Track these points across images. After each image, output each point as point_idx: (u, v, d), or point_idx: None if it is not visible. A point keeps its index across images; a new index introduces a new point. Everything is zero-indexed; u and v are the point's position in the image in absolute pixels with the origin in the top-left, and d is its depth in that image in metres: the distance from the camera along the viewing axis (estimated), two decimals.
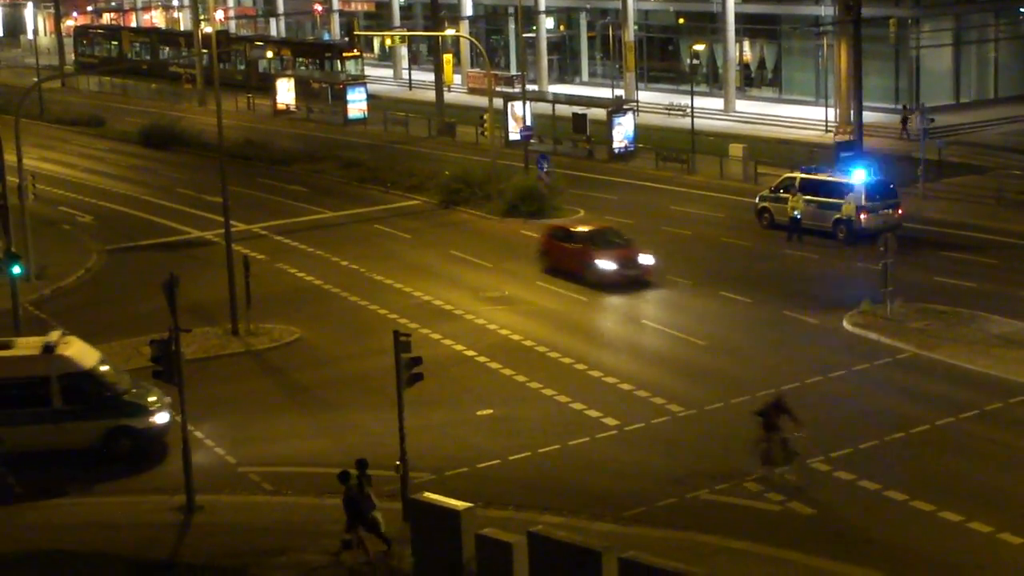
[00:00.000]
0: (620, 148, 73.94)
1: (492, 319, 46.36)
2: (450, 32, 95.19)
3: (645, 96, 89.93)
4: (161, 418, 35.89)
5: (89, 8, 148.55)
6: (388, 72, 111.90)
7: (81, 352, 36.35)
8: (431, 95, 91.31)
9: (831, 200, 54.71)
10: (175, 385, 32.01)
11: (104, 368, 36.53)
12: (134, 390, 36.34)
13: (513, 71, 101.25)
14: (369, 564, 28.96)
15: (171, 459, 34.49)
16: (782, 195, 56.22)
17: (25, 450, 34.46)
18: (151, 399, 36.12)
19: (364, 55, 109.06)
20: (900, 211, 54.97)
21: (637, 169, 71.49)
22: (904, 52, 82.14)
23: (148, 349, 33.51)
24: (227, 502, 32.77)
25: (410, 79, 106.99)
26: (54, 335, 36.66)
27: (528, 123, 72.87)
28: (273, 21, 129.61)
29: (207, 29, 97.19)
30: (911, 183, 60.75)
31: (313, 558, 29.19)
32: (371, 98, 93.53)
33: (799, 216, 55.01)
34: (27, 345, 35.87)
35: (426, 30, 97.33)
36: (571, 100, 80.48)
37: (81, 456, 35.04)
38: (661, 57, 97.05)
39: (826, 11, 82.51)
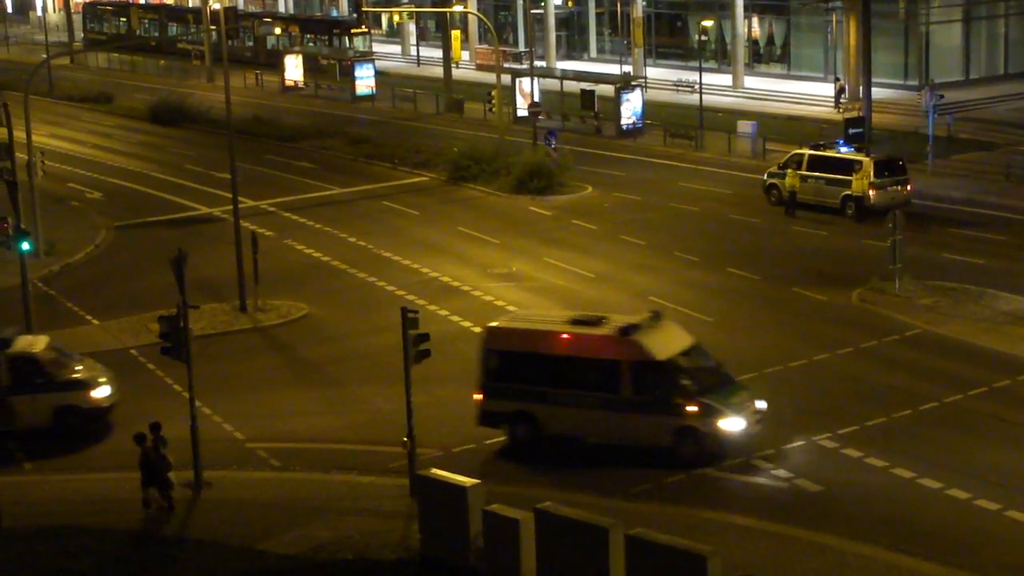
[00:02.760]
0: (628, 124, 73.83)
1: (500, 296, 46.36)
2: (458, 8, 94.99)
3: (653, 72, 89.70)
4: (732, 425, 32.10)
5: None
6: (396, 48, 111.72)
7: (658, 341, 32.83)
8: (439, 71, 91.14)
9: (840, 176, 54.61)
10: (183, 361, 32.08)
11: (685, 361, 33.08)
12: (725, 388, 33.00)
13: (521, 47, 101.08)
14: (167, 521, 30.15)
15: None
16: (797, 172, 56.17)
17: (592, 436, 33.09)
18: (735, 401, 32.64)
19: (372, 31, 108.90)
20: (909, 187, 54.87)
21: (645, 145, 71.41)
22: (913, 28, 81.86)
23: (157, 325, 33.59)
24: (235, 478, 32.86)
25: (418, 55, 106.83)
26: (643, 316, 33.83)
27: (536, 99, 72.74)
28: None
29: (215, 5, 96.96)
30: (920, 160, 60.61)
31: (320, 534, 29.25)
32: (379, 75, 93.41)
33: (794, 191, 55.47)
34: (612, 325, 33.11)
35: (434, 6, 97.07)
36: (579, 76, 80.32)
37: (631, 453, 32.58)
38: (669, 33, 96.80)
39: None
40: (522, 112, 74.96)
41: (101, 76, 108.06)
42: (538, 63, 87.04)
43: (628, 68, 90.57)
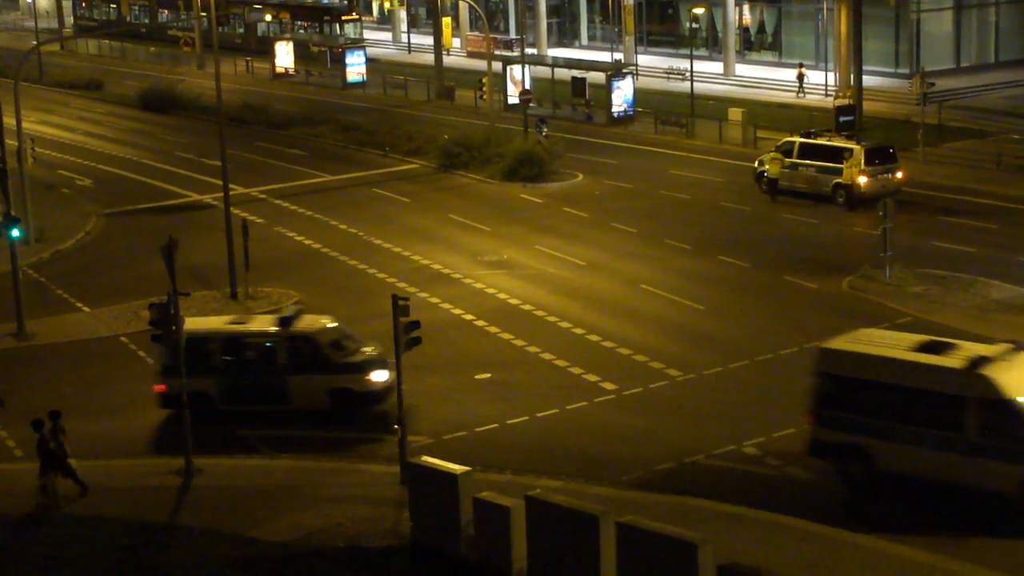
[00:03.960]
0: (619, 112, 73.78)
1: (491, 283, 46.37)
2: None
3: (644, 60, 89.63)
4: None
5: None
6: (387, 36, 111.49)
7: (1014, 377, 28.67)
8: (430, 59, 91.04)
9: (831, 164, 54.60)
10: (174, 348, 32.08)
11: None
12: None
13: (512, 35, 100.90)
14: (57, 507, 30.31)
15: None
16: (782, 159, 56.14)
17: (931, 478, 29.28)
18: None
19: (363, 18, 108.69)
20: (900, 175, 54.88)
21: (636, 133, 71.37)
22: (904, 15, 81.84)
23: (147, 312, 33.56)
24: (225, 465, 32.85)
25: (409, 43, 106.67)
26: (1001, 347, 29.83)
27: (527, 87, 72.67)
28: None
29: None
30: (911, 147, 60.61)
31: (311, 521, 29.26)
32: (370, 62, 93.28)
33: (774, 177, 55.83)
34: (962, 354, 29.48)
35: None
36: (570, 64, 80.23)
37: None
38: (661, 21, 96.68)
39: None
40: (513, 99, 74.89)
41: (91, 63, 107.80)
42: (529, 50, 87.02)
43: (619, 55, 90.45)
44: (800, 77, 78.71)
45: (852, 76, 70.11)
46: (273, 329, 36.00)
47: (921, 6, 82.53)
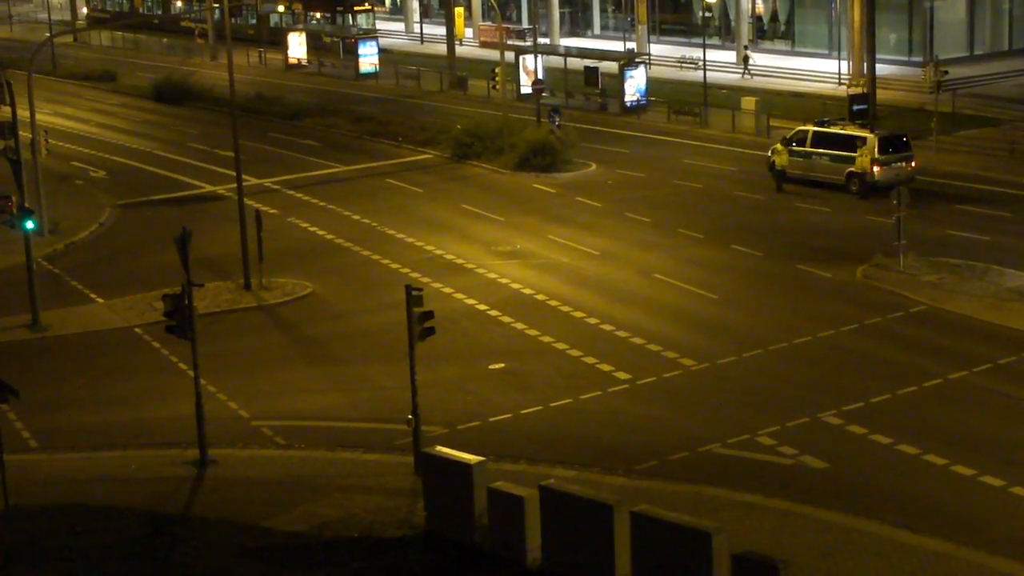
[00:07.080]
0: (632, 101, 73.70)
1: (504, 273, 46.37)
2: None
3: (657, 49, 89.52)
4: None
5: None
6: (400, 26, 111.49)
7: None
8: (443, 49, 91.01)
9: (844, 153, 54.52)
10: (188, 339, 32.10)
11: None
12: None
13: (525, 24, 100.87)
14: None
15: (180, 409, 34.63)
16: (795, 148, 56.07)
17: None
18: None
19: (375, 9, 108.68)
20: (913, 164, 54.78)
21: (649, 122, 71.31)
22: (918, 4, 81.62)
23: (161, 304, 33.57)
24: (240, 456, 32.92)
25: (421, 33, 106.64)
26: None
27: (540, 77, 72.60)
28: None
29: None
30: (924, 136, 60.50)
31: (326, 511, 29.30)
32: (383, 52, 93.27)
33: (781, 168, 56.06)
34: None
35: None
36: (583, 53, 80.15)
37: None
38: (673, 10, 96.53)
39: None
40: (526, 89, 74.87)
41: (104, 54, 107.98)
42: (542, 40, 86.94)
43: (632, 45, 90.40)
44: (745, 59, 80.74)
45: (865, 64, 69.99)
46: None
47: None
